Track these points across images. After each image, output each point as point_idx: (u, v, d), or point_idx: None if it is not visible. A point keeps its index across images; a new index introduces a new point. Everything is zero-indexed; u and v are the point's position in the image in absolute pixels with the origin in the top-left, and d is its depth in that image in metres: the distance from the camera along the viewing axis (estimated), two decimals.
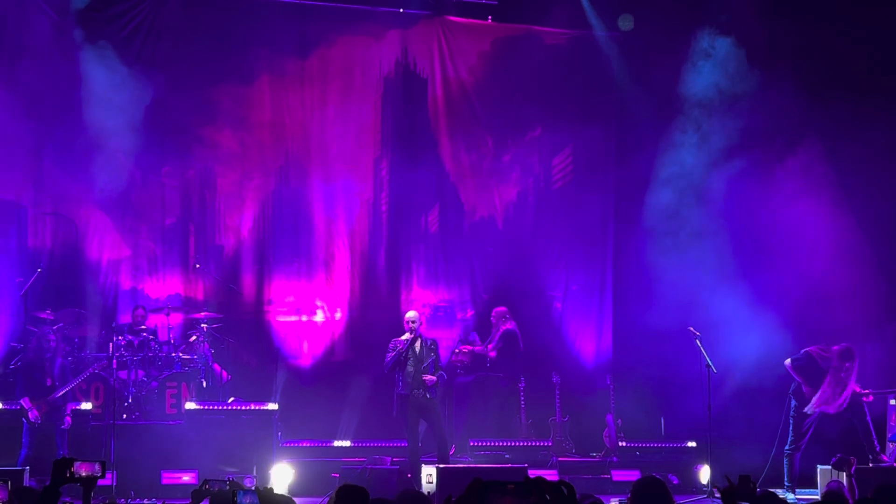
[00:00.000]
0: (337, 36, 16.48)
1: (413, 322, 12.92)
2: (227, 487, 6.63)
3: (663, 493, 6.41)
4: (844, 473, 11.77)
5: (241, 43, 15.99)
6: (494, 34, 17.07)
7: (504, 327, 15.54)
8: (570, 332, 16.78)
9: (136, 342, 14.04)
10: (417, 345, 12.87)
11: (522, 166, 17.12)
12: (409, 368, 12.79)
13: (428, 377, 12.78)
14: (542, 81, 16.81)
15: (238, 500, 5.66)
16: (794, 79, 15.12)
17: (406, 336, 12.85)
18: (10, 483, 6.31)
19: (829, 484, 11.45)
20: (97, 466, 5.91)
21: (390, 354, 12.85)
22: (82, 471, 5.82)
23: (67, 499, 10.75)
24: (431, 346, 13.01)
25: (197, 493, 6.73)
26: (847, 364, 13.00)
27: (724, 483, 6.37)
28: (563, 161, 17.15)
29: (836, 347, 13.17)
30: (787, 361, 13.39)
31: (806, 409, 13.11)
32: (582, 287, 16.96)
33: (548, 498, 3.47)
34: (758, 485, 7.03)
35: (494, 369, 15.38)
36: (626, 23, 16.55)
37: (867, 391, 13.28)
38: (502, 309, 15.69)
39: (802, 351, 13.37)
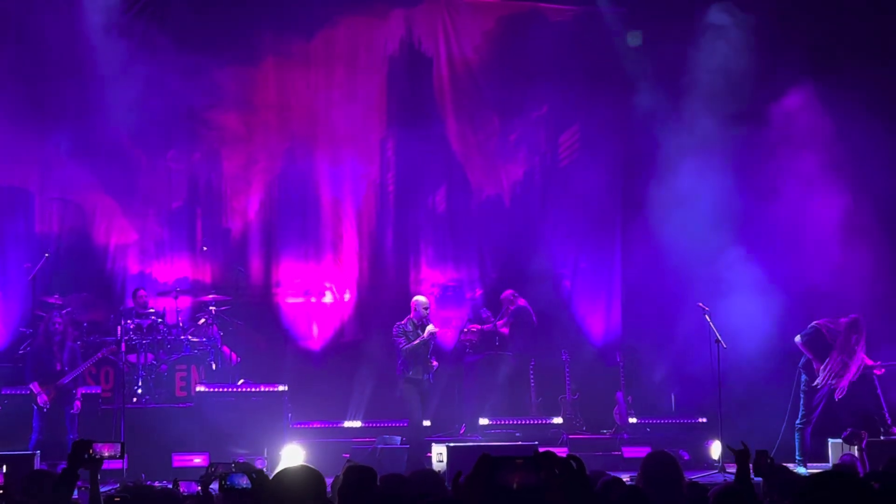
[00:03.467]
0: (341, 16, 16.42)
1: (427, 310, 13.07)
2: (234, 469, 6.64)
3: (673, 468, 6.39)
4: (856, 447, 11.75)
5: (246, 25, 15.98)
6: (499, 12, 17.01)
7: (514, 305, 15.47)
8: (580, 309, 16.74)
9: (144, 325, 14.04)
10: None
11: (529, 144, 17.07)
12: (423, 354, 13.03)
13: (435, 362, 13.10)
14: (548, 59, 16.67)
15: (228, 482, 5.64)
16: (805, 52, 15.07)
17: (431, 328, 12.94)
18: (5, 466, 6.31)
19: (841, 458, 11.47)
20: (118, 447, 5.94)
21: (403, 340, 12.88)
22: (104, 451, 5.84)
23: (80, 483, 10.82)
24: (433, 335, 13.25)
25: (205, 477, 6.75)
26: (854, 336, 12.97)
27: (739, 447, 6.35)
28: (570, 138, 17.09)
29: (843, 319, 13.13)
30: (797, 338, 13.35)
31: (816, 384, 13.08)
32: (591, 264, 16.91)
33: (557, 473, 3.46)
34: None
35: (504, 348, 15.35)
36: (634, 39, 16.46)
37: (878, 363, 13.24)
38: (509, 292, 15.60)
39: (811, 325, 13.33)
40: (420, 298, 13.28)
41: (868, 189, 15.19)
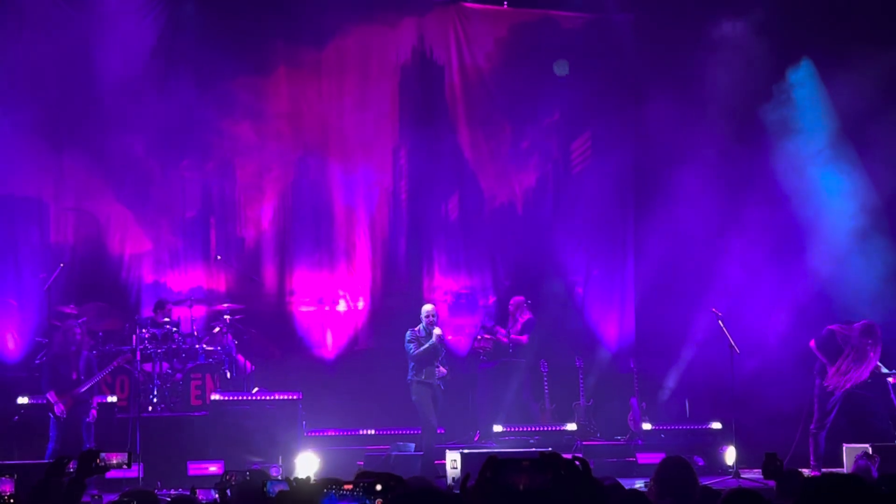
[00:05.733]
0: (353, 25, 16.47)
1: (434, 316, 13.58)
2: (248, 477, 6.68)
3: (688, 474, 6.40)
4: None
5: (258, 35, 16.06)
6: (510, 20, 17.03)
7: (524, 317, 15.43)
8: (593, 316, 16.74)
9: (159, 335, 14.09)
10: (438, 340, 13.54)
11: (541, 152, 17.09)
12: (433, 359, 13.48)
13: (441, 369, 13.48)
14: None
15: (268, 490, 5.66)
16: (812, 54, 15.10)
17: (438, 332, 13.44)
18: (16, 476, 6.35)
19: (856, 462, 11.45)
20: (125, 456, 5.95)
21: (415, 346, 13.38)
22: (112, 460, 5.87)
23: (95, 491, 10.89)
24: (442, 342, 13.71)
25: (221, 485, 6.79)
26: (870, 340, 12.94)
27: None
28: (582, 145, 17.11)
29: (857, 325, 13.11)
30: (812, 342, 13.32)
31: (826, 385, 13.04)
32: (603, 271, 16.92)
33: (563, 473, 3.48)
34: (784, 464, 7.03)
35: (517, 355, 15.33)
36: (561, 69, 16.51)
37: (893, 371, 13.18)
38: (520, 298, 15.60)
39: (825, 329, 13.30)
40: (426, 307, 13.81)
41: (882, 188, 15.16)
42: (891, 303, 14.66)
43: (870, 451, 11.91)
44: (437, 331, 13.44)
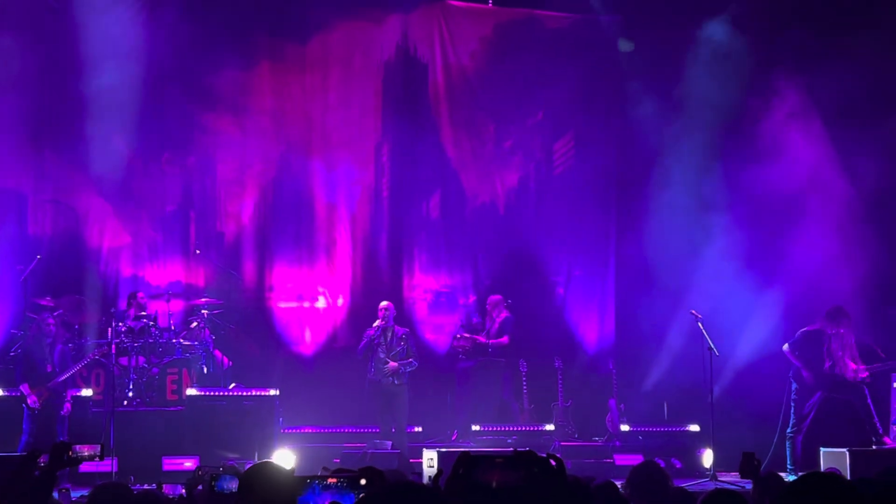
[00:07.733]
0: (337, 21, 16.42)
1: (385, 311, 13.79)
2: (221, 473, 6.59)
3: (660, 478, 6.38)
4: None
5: (242, 29, 15.98)
6: (496, 18, 17.00)
7: (501, 316, 15.38)
8: (573, 316, 16.72)
9: (136, 328, 14.00)
10: (389, 335, 13.75)
11: (524, 151, 17.06)
12: (381, 355, 13.73)
13: (390, 364, 13.60)
14: (544, 66, 16.70)
15: (216, 487, 5.55)
16: (797, 57, 15.15)
17: (377, 323, 13.70)
18: None
19: (827, 469, 11.49)
20: (98, 448, 5.91)
21: (363, 342, 13.73)
22: (84, 452, 5.82)
23: (68, 485, 10.80)
24: (403, 336, 13.90)
25: (190, 481, 6.72)
26: (844, 320, 12.97)
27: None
28: (565, 146, 17.09)
29: (822, 317, 13.14)
30: (785, 347, 13.35)
31: (829, 370, 13.00)
32: (584, 272, 16.91)
33: (536, 471, 3.45)
34: (762, 467, 7.02)
35: (496, 354, 15.30)
36: (626, 45, 16.52)
37: (861, 367, 13.18)
38: (498, 297, 15.55)
39: (798, 333, 13.32)
40: (381, 303, 14.05)
41: (863, 191, 15.19)
42: (875, 302, 14.69)
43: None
44: (376, 322, 13.64)
